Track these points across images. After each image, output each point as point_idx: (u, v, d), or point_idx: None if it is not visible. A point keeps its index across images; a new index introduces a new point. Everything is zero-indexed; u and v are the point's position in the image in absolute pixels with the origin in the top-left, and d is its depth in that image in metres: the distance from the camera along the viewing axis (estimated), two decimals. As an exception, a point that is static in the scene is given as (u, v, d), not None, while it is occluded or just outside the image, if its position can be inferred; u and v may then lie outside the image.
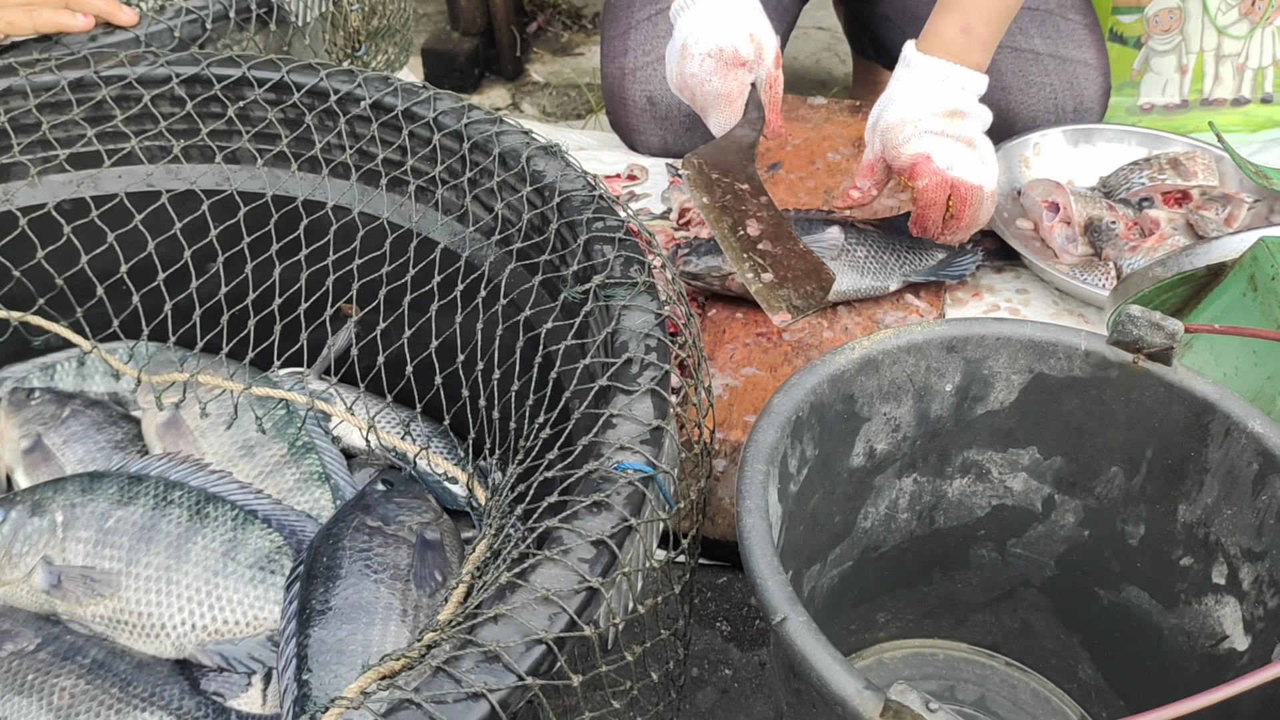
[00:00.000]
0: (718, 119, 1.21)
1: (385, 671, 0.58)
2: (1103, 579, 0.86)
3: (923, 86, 1.18)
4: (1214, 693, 0.57)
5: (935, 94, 1.17)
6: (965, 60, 1.19)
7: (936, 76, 1.18)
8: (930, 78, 1.18)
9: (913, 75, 1.19)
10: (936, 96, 1.17)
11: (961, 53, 1.19)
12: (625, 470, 0.64)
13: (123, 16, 1.04)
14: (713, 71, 1.18)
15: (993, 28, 1.22)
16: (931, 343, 0.82)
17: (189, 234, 0.94)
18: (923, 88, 1.18)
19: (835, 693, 0.59)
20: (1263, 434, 0.74)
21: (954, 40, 1.20)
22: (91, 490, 0.89)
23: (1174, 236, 1.30)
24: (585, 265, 0.80)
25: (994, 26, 1.22)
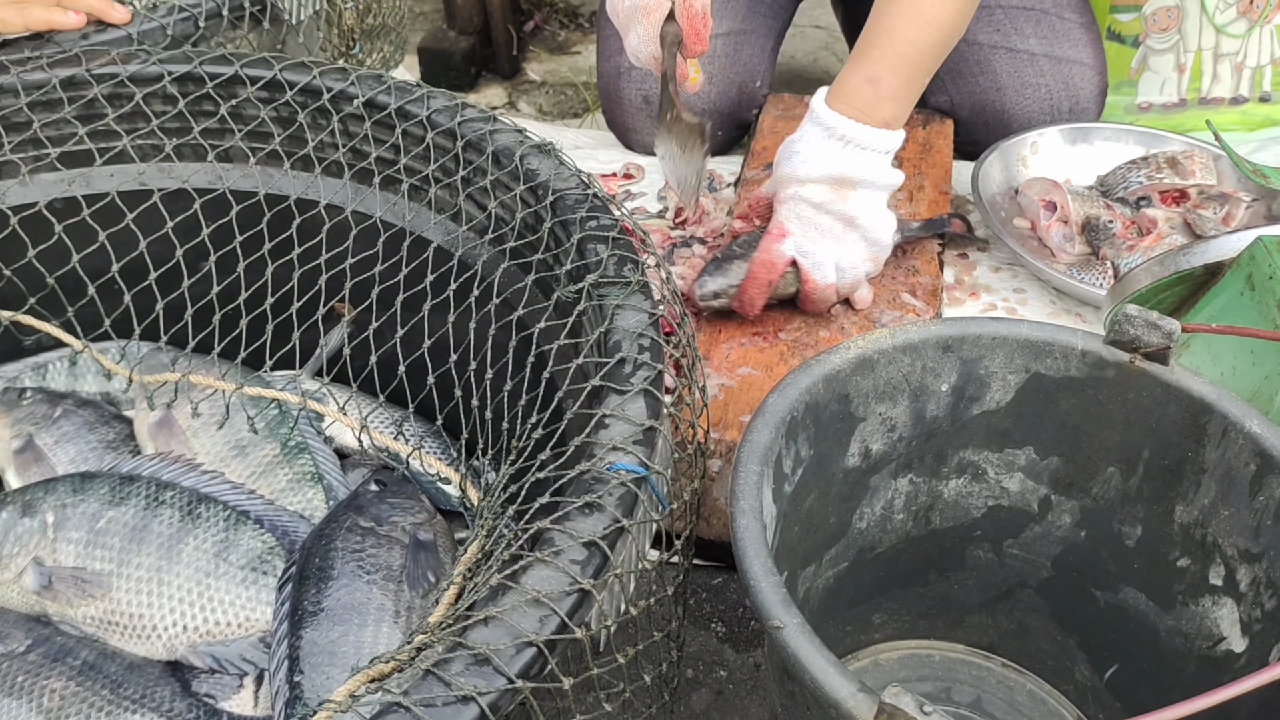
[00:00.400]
0: (636, 32, 1.11)
1: (374, 674, 0.57)
2: (1099, 580, 0.86)
3: (820, 144, 1.13)
4: (1213, 694, 0.56)
5: (829, 157, 1.12)
6: (870, 116, 1.13)
7: (837, 135, 1.12)
8: (830, 135, 1.13)
9: (815, 130, 1.14)
10: (830, 160, 1.12)
11: (868, 107, 1.13)
12: (618, 471, 0.64)
13: (115, 14, 1.04)
14: None
15: (902, 76, 1.14)
16: (927, 342, 0.81)
17: (181, 233, 0.94)
18: (820, 146, 1.13)
19: (829, 695, 0.59)
20: (1260, 434, 0.73)
21: (859, 92, 1.13)
22: (83, 491, 0.89)
23: (1172, 235, 1.30)
24: (578, 264, 0.79)
25: (904, 75, 1.15)
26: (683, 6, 1.08)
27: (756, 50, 1.54)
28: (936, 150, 1.49)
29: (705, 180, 1.36)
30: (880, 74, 1.14)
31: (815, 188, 1.13)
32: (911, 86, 1.16)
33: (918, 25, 1.14)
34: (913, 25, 1.14)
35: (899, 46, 1.14)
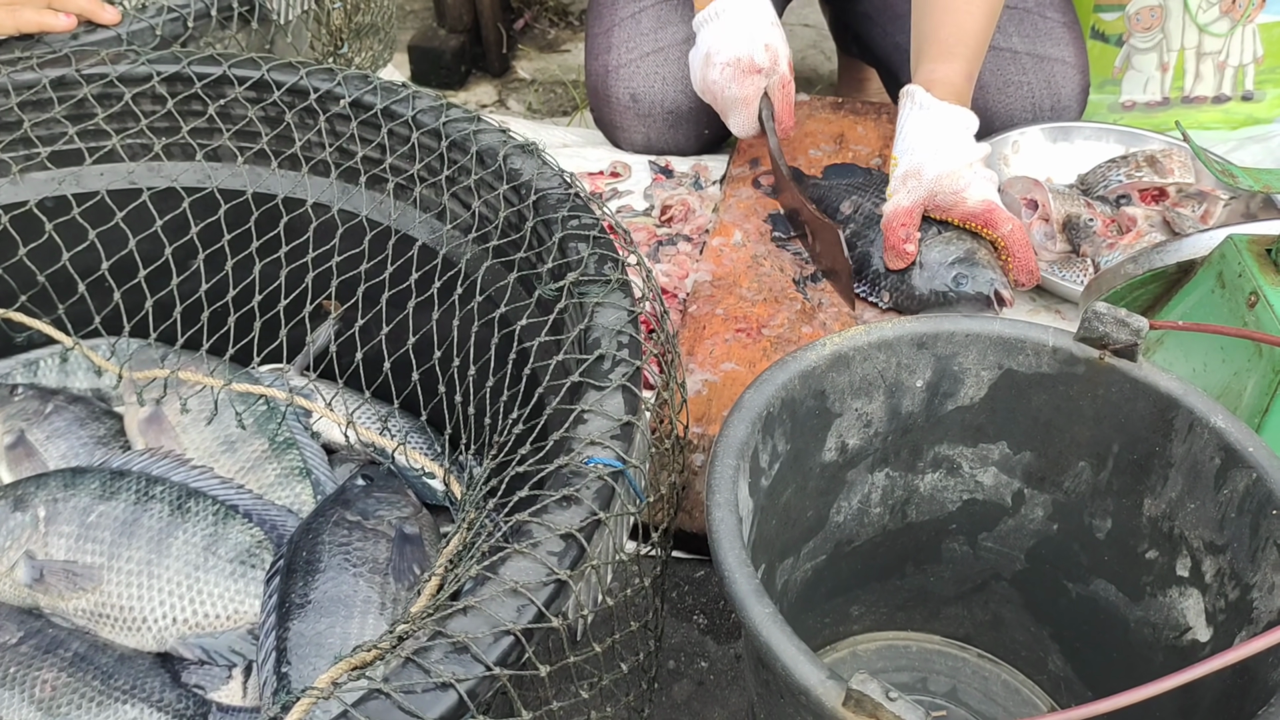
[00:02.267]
0: (736, 119, 1.38)
1: (357, 662, 0.59)
2: (1071, 572, 0.87)
3: (954, 135, 1.22)
4: (1174, 677, 0.58)
5: (967, 143, 1.23)
6: (969, 104, 1.26)
7: (961, 125, 1.23)
8: (957, 126, 1.23)
9: (940, 123, 1.23)
10: (969, 145, 1.23)
11: (967, 100, 1.26)
12: (595, 465, 0.66)
13: (105, 15, 1.05)
14: (732, 79, 1.33)
15: (978, 67, 1.30)
16: (902, 339, 0.83)
17: (170, 231, 0.95)
18: (955, 136, 1.22)
19: (799, 682, 0.60)
20: (1224, 429, 0.75)
21: (963, 89, 1.26)
22: (74, 485, 0.90)
23: (1151, 233, 1.32)
24: (560, 262, 0.81)
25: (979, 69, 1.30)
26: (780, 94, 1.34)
27: (743, 49, 1.56)
28: (920, 148, 1.50)
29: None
30: (973, 71, 1.29)
31: (979, 165, 1.24)
32: None
33: (987, 17, 1.28)
34: (984, 18, 1.28)
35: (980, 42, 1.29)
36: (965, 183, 1.21)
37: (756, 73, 1.32)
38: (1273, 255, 0.90)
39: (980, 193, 1.22)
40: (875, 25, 1.62)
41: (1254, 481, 0.73)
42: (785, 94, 1.35)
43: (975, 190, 1.21)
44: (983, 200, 1.21)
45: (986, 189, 1.22)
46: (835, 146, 1.49)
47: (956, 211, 1.23)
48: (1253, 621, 0.72)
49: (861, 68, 1.85)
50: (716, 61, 1.34)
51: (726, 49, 1.33)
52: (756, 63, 1.32)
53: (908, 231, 1.22)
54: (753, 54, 1.32)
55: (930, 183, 1.21)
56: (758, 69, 1.32)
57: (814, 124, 1.53)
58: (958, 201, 1.22)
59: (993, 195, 1.23)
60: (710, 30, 1.35)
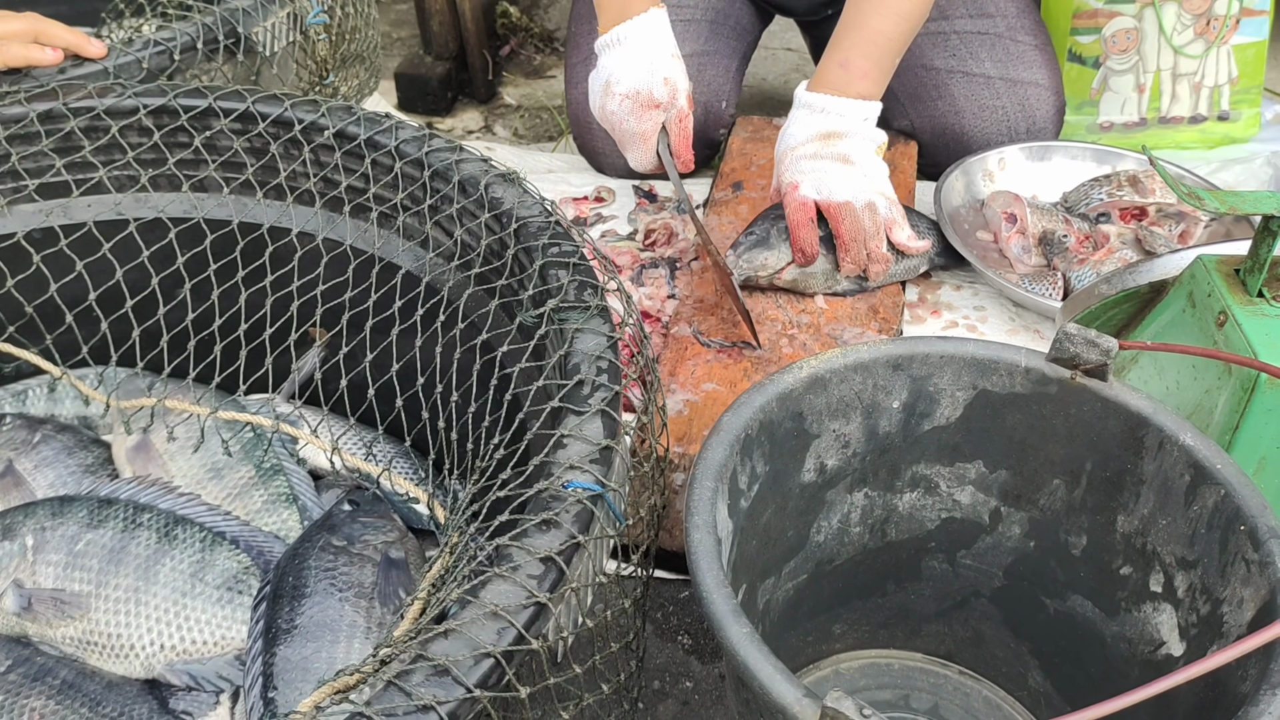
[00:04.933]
0: (634, 154, 1.34)
1: (340, 686, 0.60)
2: (1048, 588, 0.89)
3: (804, 119, 1.30)
4: (1142, 690, 0.59)
5: (813, 124, 1.29)
6: (844, 91, 1.29)
7: (816, 108, 1.29)
8: (810, 110, 1.29)
9: (797, 112, 1.31)
10: (814, 125, 1.28)
11: (841, 85, 1.29)
12: (575, 489, 0.67)
13: (91, 49, 1.06)
14: (629, 111, 1.29)
15: (872, 59, 1.30)
16: (878, 361, 0.84)
17: (157, 261, 0.96)
18: (804, 120, 1.30)
19: (776, 701, 0.61)
20: (1193, 446, 0.77)
21: (833, 75, 1.30)
22: (61, 514, 0.91)
23: (1122, 250, 1.34)
24: (541, 289, 0.82)
25: (873, 58, 1.30)
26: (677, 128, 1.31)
27: (720, 71, 1.58)
28: (901, 171, 1.53)
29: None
30: (851, 59, 1.30)
31: (807, 146, 1.29)
32: (881, 67, 1.31)
33: (883, 15, 1.30)
34: (879, 15, 1.30)
35: (868, 35, 1.30)
36: (785, 167, 1.30)
37: (655, 108, 1.28)
38: (1241, 275, 0.91)
39: (789, 176, 1.29)
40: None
41: (1222, 498, 0.74)
42: (683, 129, 1.31)
43: (786, 173, 1.29)
44: (785, 183, 1.29)
45: (797, 171, 1.28)
46: (816, 170, 1.51)
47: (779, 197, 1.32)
48: (1223, 635, 0.74)
49: (842, 91, 1.88)
50: (615, 92, 1.29)
51: (625, 79, 1.28)
52: (655, 97, 1.28)
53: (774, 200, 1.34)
54: (651, 88, 1.27)
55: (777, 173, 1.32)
56: (656, 103, 1.28)
57: (795, 148, 1.55)
58: (778, 185, 1.31)
59: (801, 178, 1.28)
60: (611, 57, 1.30)
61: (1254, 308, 0.89)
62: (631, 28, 1.28)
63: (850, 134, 1.28)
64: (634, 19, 1.28)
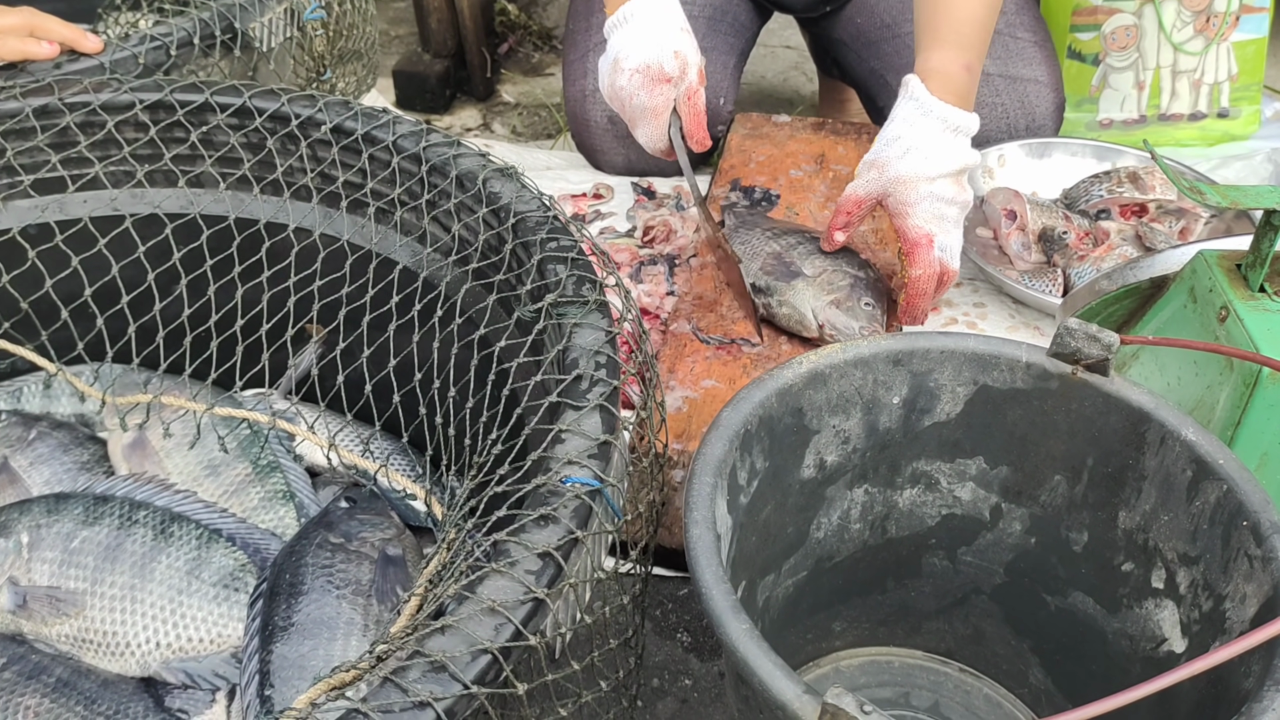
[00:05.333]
0: (644, 130, 1.28)
1: (336, 683, 0.59)
2: (1049, 585, 0.88)
3: (937, 136, 1.15)
4: (1143, 686, 0.58)
5: (948, 148, 1.15)
6: (968, 103, 1.18)
7: (950, 125, 1.15)
8: (944, 126, 1.15)
9: (928, 123, 1.15)
10: (950, 152, 1.15)
11: (967, 95, 1.18)
12: (573, 484, 0.66)
13: (87, 44, 1.06)
14: (640, 86, 1.24)
15: (982, 59, 1.21)
16: (878, 356, 0.84)
17: (153, 257, 0.96)
18: (937, 137, 1.15)
19: (776, 697, 0.61)
20: (1195, 442, 0.76)
21: (961, 81, 1.17)
22: (57, 511, 0.90)
23: (1122, 247, 1.33)
24: (539, 284, 0.82)
25: (982, 57, 1.21)
26: (687, 104, 1.25)
27: (719, 67, 1.57)
28: (900, 168, 1.52)
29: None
30: (973, 61, 1.19)
31: (944, 183, 1.15)
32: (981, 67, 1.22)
33: (982, 5, 1.20)
34: (980, 6, 1.20)
35: (979, 31, 1.20)
36: (916, 199, 1.15)
37: (666, 81, 1.24)
38: (1243, 270, 0.91)
39: (925, 218, 1.15)
40: (851, 51, 1.64)
41: (1225, 493, 0.74)
42: (694, 105, 1.26)
43: (922, 213, 1.15)
44: (921, 230, 1.15)
45: (931, 216, 1.15)
46: (816, 166, 1.51)
47: (897, 223, 1.18)
48: (1226, 631, 0.73)
49: (842, 89, 1.87)
50: (624, 67, 1.24)
51: (635, 54, 1.24)
52: (666, 71, 1.23)
53: (847, 220, 1.19)
54: (662, 61, 1.23)
55: (887, 182, 1.16)
56: (667, 77, 1.24)
57: (795, 144, 1.55)
58: (903, 214, 1.16)
59: (937, 228, 1.16)
60: (619, 35, 1.26)
61: (1256, 303, 0.89)
62: (639, 5, 1.24)
63: (970, 167, 1.17)
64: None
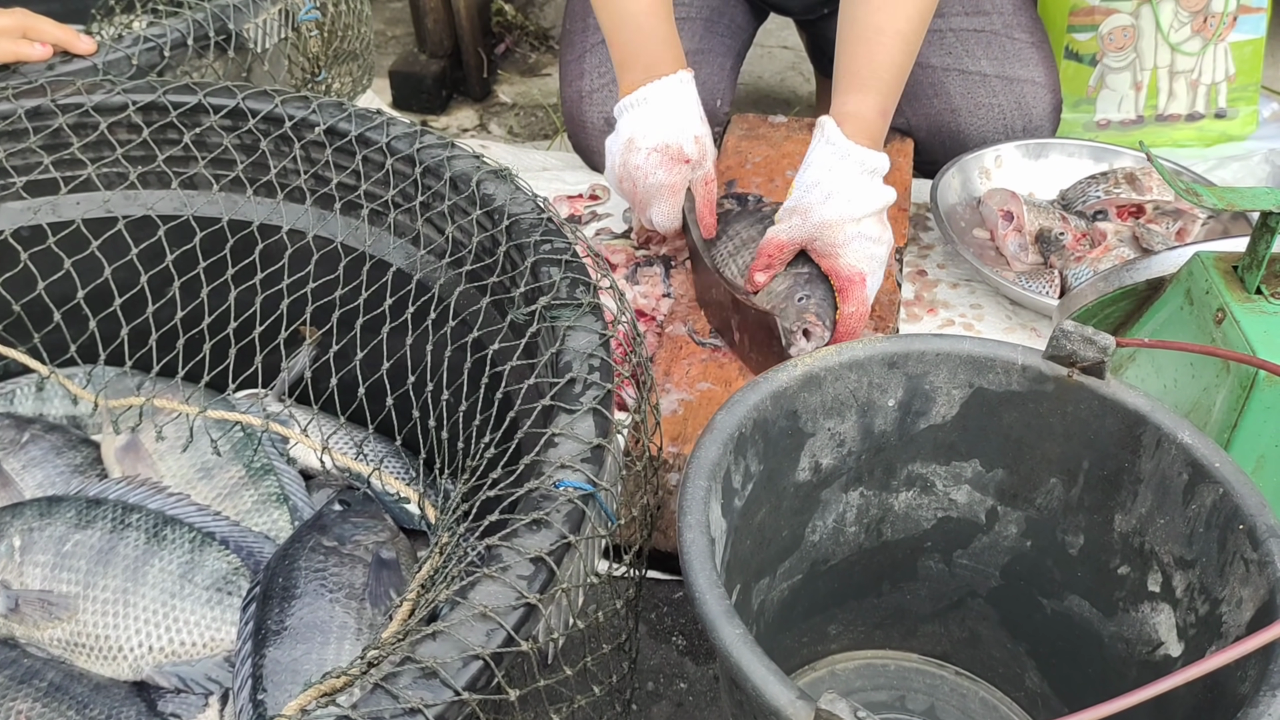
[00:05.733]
0: (660, 208, 1.28)
1: (326, 689, 0.59)
2: (1045, 588, 0.88)
3: (855, 179, 1.16)
4: (1140, 692, 0.58)
5: (868, 190, 1.16)
6: (879, 145, 1.19)
7: (867, 168, 1.16)
8: (862, 169, 1.16)
9: (846, 166, 1.16)
10: (870, 193, 1.16)
11: (879, 137, 1.19)
12: (566, 488, 0.66)
13: (80, 45, 1.05)
14: (658, 165, 1.24)
15: (895, 101, 1.23)
16: (873, 359, 0.83)
17: (146, 259, 0.96)
18: (855, 180, 1.16)
19: (769, 702, 0.60)
20: (1191, 444, 0.76)
21: (875, 125, 1.19)
22: (49, 514, 0.90)
23: (1119, 248, 1.33)
24: (532, 286, 0.81)
25: (895, 100, 1.23)
26: (703, 190, 1.28)
27: (715, 69, 1.57)
28: (897, 169, 1.52)
29: None
30: (888, 106, 1.21)
31: (869, 222, 1.16)
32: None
33: (905, 51, 1.21)
34: (902, 52, 1.21)
35: (897, 76, 1.21)
36: (845, 239, 1.16)
37: (685, 162, 1.25)
38: (1239, 272, 0.91)
39: (854, 258, 1.16)
40: (848, 50, 1.64)
41: (1221, 496, 0.73)
42: (708, 192, 1.27)
43: (851, 253, 1.16)
44: (855, 269, 1.16)
45: (863, 255, 1.16)
46: (812, 167, 1.50)
47: (827, 264, 1.17)
48: (1222, 635, 0.73)
49: (839, 89, 1.87)
50: (641, 146, 1.24)
51: (653, 134, 1.24)
52: (686, 152, 1.24)
53: (768, 263, 1.19)
54: (682, 143, 1.24)
55: (813, 228, 1.16)
56: (686, 159, 1.24)
57: (791, 145, 1.55)
58: (834, 255, 1.16)
59: (868, 267, 1.16)
60: (634, 115, 1.26)
61: (1252, 305, 0.89)
62: (658, 89, 1.25)
63: (888, 205, 1.18)
64: (661, 80, 1.25)
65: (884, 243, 1.18)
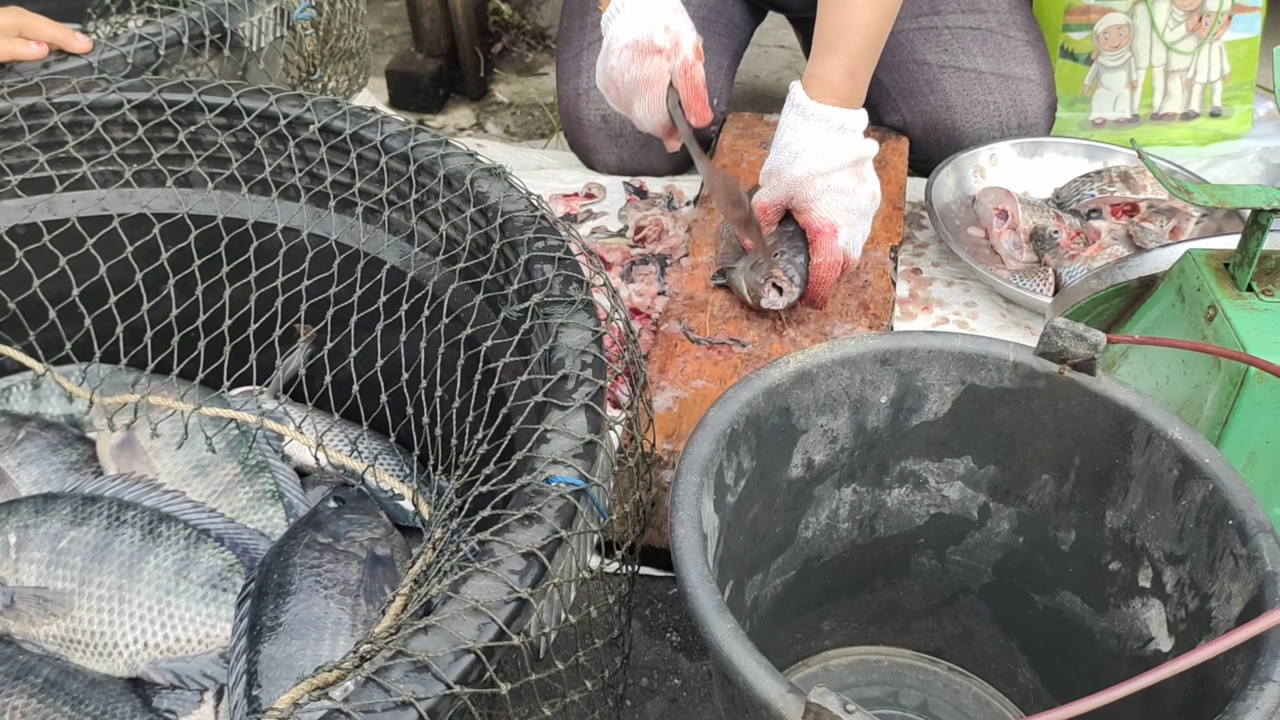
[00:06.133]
0: (640, 104, 1.24)
1: (319, 683, 0.59)
2: (1037, 584, 0.88)
3: (822, 136, 1.19)
4: (1128, 684, 0.58)
5: (836, 144, 1.19)
6: (853, 103, 1.22)
7: (834, 125, 1.19)
8: (828, 126, 1.19)
9: (811, 126, 1.20)
10: (838, 147, 1.19)
11: (850, 97, 1.22)
12: (558, 484, 0.66)
13: (76, 44, 1.06)
14: (630, 60, 1.21)
15: (869, 64, 1.25)
16: (865, 356, 0.84)
17: (141, 257, 0.96)
18: (822, 137, 1.19)
19: (760, 696, 0.61)
20: (1182, 440, 0.76)
21: (842, 85, 1.22)
22: (45, 511, 0.90)
23: (1113, 246, 1.34)
24: (526, 284, 0.82)
25: (870, 63, 1.25)
26: (684, 79, 1.21)
27: (712, 68, 1.57)
28: (892, 167, 1.52)
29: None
30: (858, 67, 1.23)
31: (840, 175, 1.20)
32: (872, 70, 1.26)
33: (876, 13, 1.23)
34: (873, 14, 1.23)
35: (866, 37, 1.23)
36: (816, 194, 1.20)
37: (656, 53, 1.21)
38: (1230, 270, 0.91)
39: (828, 210, 1.20)
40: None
41: (1210, 492, 0.74)
42: (690, 79, 1.22)
43: (822, 206, 1.20)
44: (825, 220, 1.20)
45: (835, 208, 1.20)
46: (807, 166, 1.50)
47: (803, 219, 1.22)
48: (1212, 630, 0.73)
49: (835, 88, 1.87)
50: (615, 48, 1.22)
51: (625, 34, 1.22)
52: (656, 43, 1.20)
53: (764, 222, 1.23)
54: (651, 35, 1.20)
55: (787, 186, 1.20)
56: (657, 49, 1.20)
57: (786, 144, 1.55)
58: (806, 209, 1.21)
59: (841, 219, 1.20)
60: (613, 26, 1.24)
61: (1243, 302, 0.89)
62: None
63: (868, 155, 1.22)
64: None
65: (859, 194, 1.21)
